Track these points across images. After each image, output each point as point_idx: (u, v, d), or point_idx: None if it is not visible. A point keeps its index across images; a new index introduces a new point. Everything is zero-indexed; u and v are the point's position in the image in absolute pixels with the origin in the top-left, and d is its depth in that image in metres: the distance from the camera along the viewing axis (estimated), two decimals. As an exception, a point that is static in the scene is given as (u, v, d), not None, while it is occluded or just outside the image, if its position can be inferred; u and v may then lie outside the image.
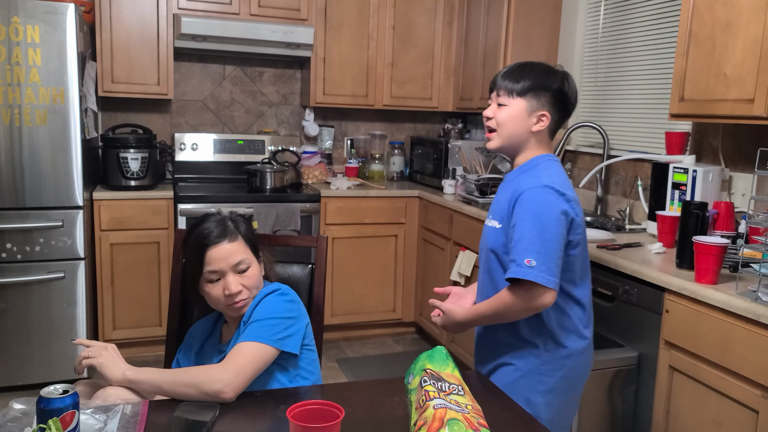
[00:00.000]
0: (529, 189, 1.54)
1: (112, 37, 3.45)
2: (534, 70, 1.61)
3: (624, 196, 3.06)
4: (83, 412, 1.19)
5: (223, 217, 1.55)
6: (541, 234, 1.49)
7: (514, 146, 1.65)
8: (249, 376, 1.36)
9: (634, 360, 2.15)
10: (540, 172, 1.58)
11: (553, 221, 1.51)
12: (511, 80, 1.60)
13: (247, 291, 1.50)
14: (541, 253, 1.48)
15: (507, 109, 1.61)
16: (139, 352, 3.52)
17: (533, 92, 1.59)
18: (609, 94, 3.24)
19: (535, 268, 1.46)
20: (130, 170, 3.40)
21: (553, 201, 1.53)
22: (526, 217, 1.52)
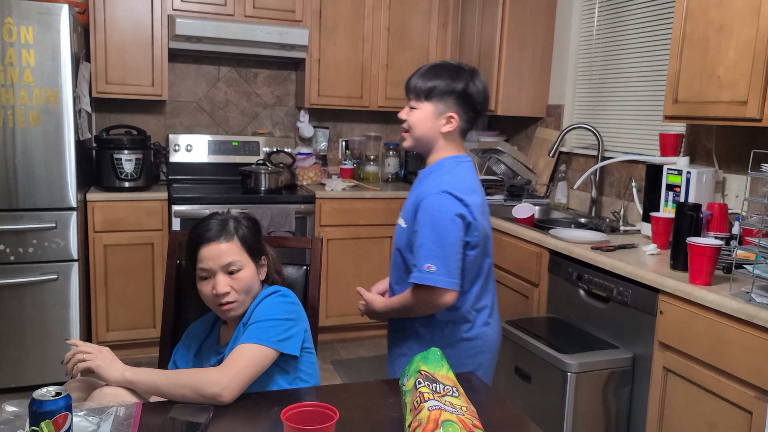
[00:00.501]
0: (429, 195, 1.61)
1: (106, 38, 3.44)
2: (441, 73, 1.66)
3: (618, 197, 3.07)
4: (76, 414, 1.19)
5: (226, 218, 1.55)
6: (439, 239, 1.58)
7: (426, 146, 1.72)
8: (247, 378, 1.35)
9: (629, 361, 2.15)
10: (443, 176, 1.64)
11: (450, 226, 1.59)
12: (419, 83, 1.66)
13: (235, 293, 1.49)
14: (440, 257, 1.57)
15: (417, 112, 1.68)
16: (132, 354, 3.51)
17: (439, 96, 1.65)
18: (603, 95, 3.25)
19: (435, 272, 1.57)
20: (124, 171, 3.39)
21: (449, 206, 1.60)
22: (426, 223, 1.60)
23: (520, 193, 3.45)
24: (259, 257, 1.57)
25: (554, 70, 3.60)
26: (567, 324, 2.45)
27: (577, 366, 2.09)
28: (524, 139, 3.88)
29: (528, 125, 3.84)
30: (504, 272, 2.90)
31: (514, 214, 2.96)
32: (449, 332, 1.71)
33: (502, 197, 3.40)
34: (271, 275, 1.62)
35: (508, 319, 2.50)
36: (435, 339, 1.69)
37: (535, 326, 2.43)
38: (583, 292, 2.39)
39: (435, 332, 1.70)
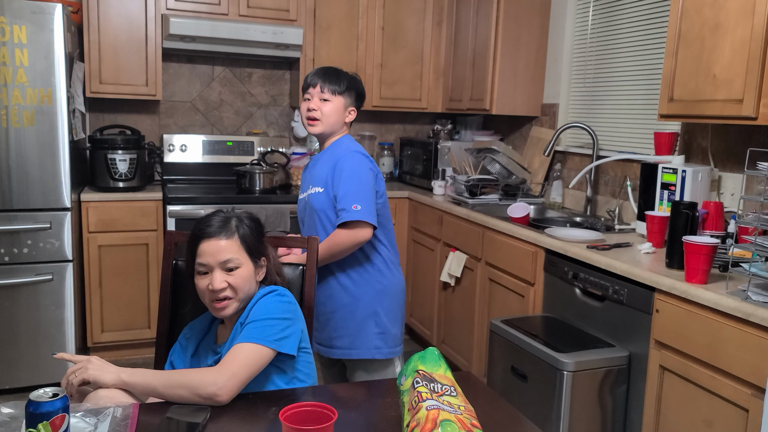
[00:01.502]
0: (344, 155, 2.04)
1: (100, 37, 3.42)
2: (346, 74, 2.12)
3: (613, 196, 3.08)
4: (73, 415, 1.18)
5: (229, 215, 1.55)
6: (360, 186, 1.99)
7: (331, 131, 2.13)
8: (244, 378, 1.35)
9: (625, 360, 2.16)
10: (349, 145, 2.09)
11: (367, 175, 2.03)
12: (332, 81, 2.08)
13: (231, 291, 1.49)
14: (363, 200, 1.97)
15: (330, 104, 2.08)
16: (127, 355, 3.50)
17: (348, 91, 2.11)
18: (598, 94, 3.26)
19: (361, 210, 1.95)
20: (119, 171, 3.37)
21: (364, 161, 2.05)
22: (348, 176, 2.00)
23: (515, 193, 3.45)
24: (258, 258, 1.57)
25: (549, 69, 3.60)
26: (563, 323, 2.45)
27: (573, 365, 2.09)
28: (519, 138, 3.89)
29: (523, 124, 3.85)
30: (499, 271, 2.90)
31: (510, 213, 2.97)
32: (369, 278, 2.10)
33: (497, 197, 3.41)
34: (272, 276, 1.62)
35: (503, 318, 2.50)
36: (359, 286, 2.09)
37: (531, 325, 2.43)
38: (579, 291, 2.40)
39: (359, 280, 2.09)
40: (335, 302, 2.10)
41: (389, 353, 2.11)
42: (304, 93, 2.12)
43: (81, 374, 1.35)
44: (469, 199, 3.36)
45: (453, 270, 3.26)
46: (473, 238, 3.12)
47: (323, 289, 2.10)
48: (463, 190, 3.46)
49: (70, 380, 1.35)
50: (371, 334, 2.08)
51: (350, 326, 2.08)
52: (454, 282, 3.31)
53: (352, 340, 2.08)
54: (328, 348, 2.13)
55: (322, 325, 2.13)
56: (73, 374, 1.35)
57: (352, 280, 2.08)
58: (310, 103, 2.09)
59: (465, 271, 3.21)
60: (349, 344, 2.08)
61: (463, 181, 3.46)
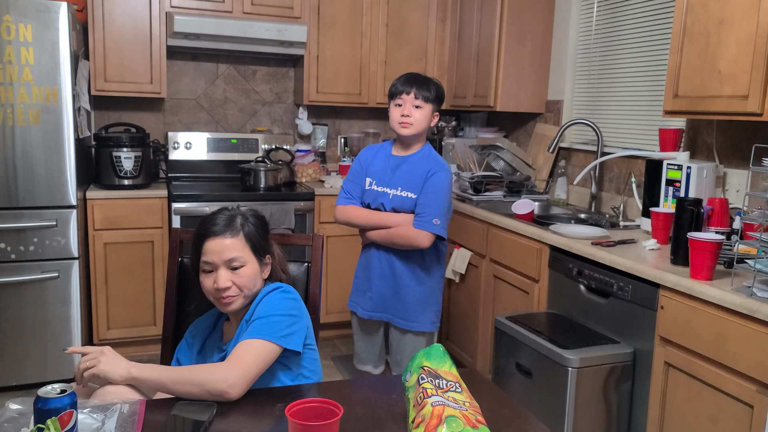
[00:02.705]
0: (439, 170, 2.30)
1: (105, 35, 3.43)
2: (434, 83, 2.33)
3: (618, 193, 3.07)
4: (81, 411, 1.19)
5: (234, 213, 1.55)
6: (444, 202, 2.29)
7: (420, 135, 2.35)
8: (254, 374, 1.35)
9: (630, 356, 2.16)
10: (438, 158, 2.35)
11: (449, 193, 2.34)
12: (425, 89, 2.28)
13: (236, 289, 1.49)
14: (442, 215, 2.28)
15: (421, 111, 2.29)
16: (133, 352, 3.51)
17: (434, 101, 2.32)
18: (602, 91, 3.25)
19: (438, 226, 2.26)
20: (124, 169, 3.38)
21: (451, 178, 2.34)
22: (438, 189, 2.28)
23: (519, 189, 3.45)
24: (263, 256, 1.57)
25: (553, 65, 3.59)
26: (567, 319, 2.45)
27: (578, 361, 2.09)
28: (523, 134, 3.88)
29: (527, 121, 3.84)
30: (504, 268, 2.90)
31: (514, 210, 2.96)
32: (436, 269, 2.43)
33: (502, 193, 3.40)
34: (277, 274, 1.62)
35: (508, 314, 2.50)
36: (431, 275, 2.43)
37: (536, 322, 2.44)
38: (584, 287, 2.40)
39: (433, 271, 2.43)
40: (410, 282, 2.39)
41: (438, 326, 2.51)
42: (395, 98, 2.31)
43: (93, 369, 1.34)
44: (474, 196, 3.36)
45: (457, 267, 3.26)
46: (478, 234, 3.12)
47: (403, 264, 2.37)
48: (467, 186, 3.46)
49: (80, 368, 1.35)
50: (431, 312, 2.43)
51: (419, 305, 2.39)
52: (458, 279, 3.31)
53: (417, 315, 2.40)
54: (400, 319, 2.42)
55: (388, 298, 2.41)
56: (85, 364, 1.35)
57: (425, 269, 2.39)
58: (403, 109, 2.29)
59: (469, 267, 3.21)
60: (414, 318, 2.40)
61: (468, 178, 3.45)
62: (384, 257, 2.40)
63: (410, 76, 2.32)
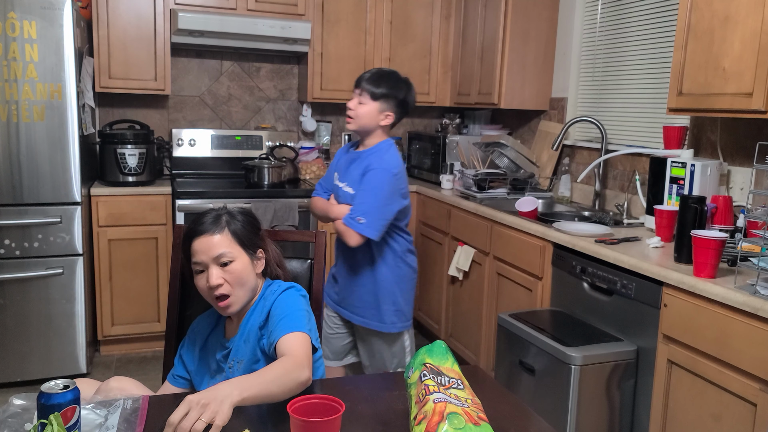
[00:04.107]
0: (374, 169, 2.20)
1: (109, 32, 3.44)
2: (389, 80, 2.24)
3: (622, 190, 3.07)
4: (84, 407, 1.19)
5: (220, 212, 1.55)
6: (374, 201, 2.18)
7: (365, 132, 2.30)
8: (310, 362, 1.34)
9: (633, 354, 2.15)
10: (383, 156, 2.24)
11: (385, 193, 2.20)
12: (372, 87, 2.22)
13: (228, 286, 1.48)
14: (369, 214, 2.18)
15: (365, 107, 2.24)
16: (137, 348, 3.53)
17: (384, 98, 2.24)
18: (607, 88, 3.24)
19: (362, 225, 2.17)
20: (128, 166, 3.39)
21: (388, 179, 2.20)
22: (369, 188, 2.19)
23: (523, 187, 3.44)
24: (254, 250, 1.56)
25: (557, 62, 3.59)
26: (571, 317, 2.45)
27: (581, 359, 2.09)
28: (527, 132, 3.88)
29: (531, 118, 3.83)
30: (507, 265, 2.90)
31: (518, 207, 2.96)
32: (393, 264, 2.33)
33: (506, 191, 3.40)
34: (272, 269, 1.62)
35: (511, 312, 2.50)
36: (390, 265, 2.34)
37: (539, 319, 2.44)
38: (587, 285, 2.40)
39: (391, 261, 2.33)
40: (360, 277, 2.33)
41: (402, 327, 2.37)
42: (353, 89, 2.31)
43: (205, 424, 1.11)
44: (478, 194, 3.35)
45: (461, 264, 3.26)
46: (481, 232, 3.11)
47: (352, 258, 2.33)
48: (471, 184, 3.45)
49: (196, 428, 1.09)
50: (389, 312, 2.32)
51: (371, 302, 2.32)
52: (462, 276, 3.31)
53: (372, 313, 2.32)
54: (350, 313, 2.38)
55: (345, 291, 2.38)
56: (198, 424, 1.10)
57: (380, 262, 2.30)
58: (350, 102, 2.28)
59: (473, 265, 3.21)
60: (370, 316, 2.33)
61: (472, 176, 3.45)
62: (340, 249, 2.38)
63: (372, 71, 2.28)
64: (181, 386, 1.61)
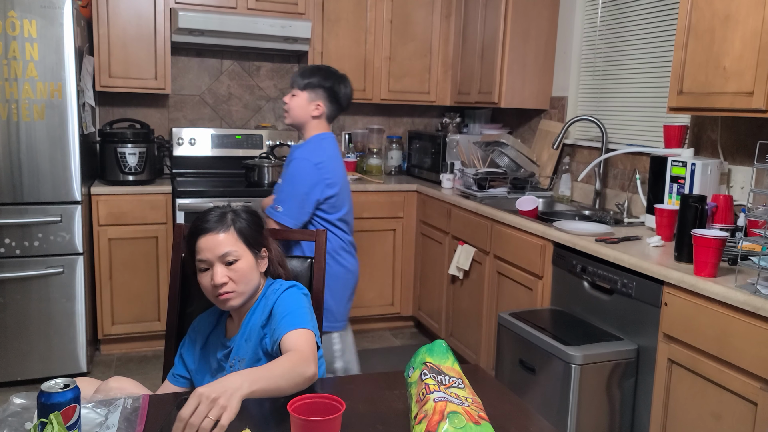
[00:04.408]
0: (295, 159, 2.24)
1: (110, 31, 3.44)
2: (319, 72, 2.29)
3: (622, 189, 3.07)
4: (84, 406, 1.19)
5: (225, 210, 1.55)
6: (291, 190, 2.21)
7: (300, 125, 2.33)
8: (315, 357, 1.34)
9: (633, 353, 2.15)
10: (309, 146, 2.27)
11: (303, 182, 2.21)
12: (299, 78, 2.28)
13: (233, 284, 1.48)
14: (287, 203, 2.20)
15: (295, 99, 2.29)
16: (137, 347, 3.53)
17: (311, 88, 2.28)
18: (607, 87, 3.24)
19: (279, 213, 2.19)
20: (128, 165, 3.39)
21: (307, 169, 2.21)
22: (287, 178, 2.23)
23: (523, 186, 3.44)
24: (258, 249, 1.56)
25: (558, 61, 3.58)
26: (571, 316, 2.45)
27: (581, 358, 2.09)
28: (528, 131, 3.88)
29: (531, 117, 3.83)
30: (508, 264, 2.90)
31: (518, 206, 2.96)
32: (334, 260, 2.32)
33: (506, 190, 3.40)
34: (274, 268, 1.62)
35: (512, 311, 2.50)
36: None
37: (540, 318, 2.43)
38: (587, 284, 2.40)
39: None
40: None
41: (328, 327, 2.29)
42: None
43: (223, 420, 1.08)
44: (478, 193, 3.35)
45: (461, 263, 3.26)
46: (482, 231, 3.11)
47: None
48: (471, 183, 3.45)
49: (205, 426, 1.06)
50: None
51: None
52: (462, 275, 3.31)
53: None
54: None
55: None
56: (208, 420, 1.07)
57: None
58: (286, 96, 2.34)
59: (473, 264, 3.21)
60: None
61: (472, 175, 3.45)
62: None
63: (308, 65, 2.36)
64: (182, 385, 1.61)
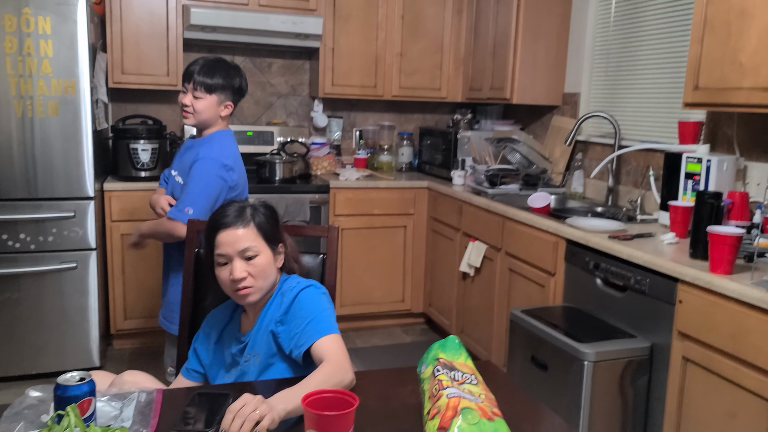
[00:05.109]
0: (201, 158, 2.13)
1: (122, 28, 3.45)
2: (222, 69, 2.18)
3: (635, 186, 3.04)
4: (99, 399, 1.20)
5: (244, 205, 1.55)
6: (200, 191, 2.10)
7: (205, 125, 2.23)
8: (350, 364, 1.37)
9: (647, 350, 2.14)
10: (214, 146, 2.18)
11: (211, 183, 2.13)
12: (207, 80, 2.14)
13: (252, 279, 1.49)
14: (197, 205, 2.08)
15: (203, 102, 2.17)
16: (149, 342, 3.54)
17: (221, 90, 2.18)
18: (621, 83, 3.21)
19: (192, 215, 2.03)
20: (140, 161, 3.41)
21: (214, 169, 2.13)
22: (194, 178, 2.11)
23: (535, 183, 3.42)
24: (276, 244, 1.57)
25: (570, 57, 3.56)
26: (584, 313, 2.44)
27: (594, 355, 2.08)
28: (540, 127, 3.86)
29: (543, 114, 3.81)
30: (519, 261, 2.89)
31: (530, 203, 2.95)
32: None
33: (518, 186, 3.38)
34: (289, 263, 1.62)
35: (524, 308, 2.49)
36: None
37: (552, 315, 2.42)
38: (600, 281, 2.38)
39: None
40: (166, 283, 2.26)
41: None
42: (183, 83, 2.21)
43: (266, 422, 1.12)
44: (489, 189, 3.34)
45: (472, 260, 3.25)
46: (493, 228, 3.10)
47: (163, 269, 2.27)
48: (483, 179, 3.44)
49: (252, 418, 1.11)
50: None
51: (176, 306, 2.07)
52: (473, 272, 3.30)
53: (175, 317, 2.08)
54: (164, 322, 2.29)
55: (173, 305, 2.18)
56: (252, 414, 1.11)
57: (177, 266, 2.14)
58: (185, 97, 2.18)
59: (484, 261, 3.20)
60: (173, 320, 2.17)
61: (483, 171, 3.44)
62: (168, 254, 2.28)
63: (200, 61, 2.17)
64: (195, 380, 1.62)
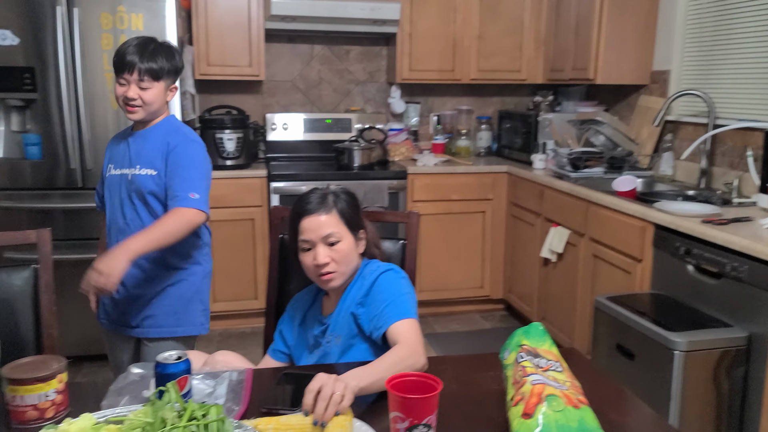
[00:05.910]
0: (181, 143, 1.98)
1: (207, 21, 3.58)
2: (161, 51, 1.97)
3: (731, 167, 2.87)
4: (194, 377, 1.27)
5: (326, 192, 1.59)
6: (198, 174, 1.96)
7: (155, 114, 2.02)
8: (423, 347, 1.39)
9: (744, 341, 2.03)
10: (180, 129, 2.05)
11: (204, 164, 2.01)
12: (152, 66, 1.93)
13: (335, 264, 1.52)
14: (200, 189, 1.93)
15: (151, 91, 1.95)
16: (236, 324, 3.69)
17: (167, 75, 1.98)
18: (715, 58, 3.03)
19: (198, 200, 1.91)
20: (226, 150, 3.53)
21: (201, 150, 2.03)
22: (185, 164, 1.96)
23: (621, 165, 3.30)
24: (357, 230, 1.60)
25: (660, 32, 3.38)
26: (674, 300, 2.34)
27: (686, 344, 1.99)
28: (625, 108, 3.70)
29: (629, 93, 3.65)
30: (604, 247, 2.80)
31: (615, 187, 2.84)
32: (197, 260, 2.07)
33: (602, 170, 3.27)
34: (370, 249, 1.65)
35: (609, 295, 2.42)
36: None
37: (639, 303, 2.34)
38: (692, 267, 2.27)
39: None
40: (162, 283, 2.03)
41: (207, 328, 2.14)
42: (118, 75, 1.93)
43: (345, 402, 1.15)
44: (572, 173, 3.25)
45: (554, 246, 3.18)
46: (576, 212, 3.02)
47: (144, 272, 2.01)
48: (565, 163, 3.35)
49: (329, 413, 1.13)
50: (197, 312, 2.08)
51: (177, 306, 2.04)
52: (555, 258, 3.23)
53: (179, 318, 2.05)
54: (146, 329, 2.04)
55: (139, 308, 2.03)
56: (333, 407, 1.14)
57: (182, 262, 2.04)
58: (127, 90, 1.92)
59: (567, 246, 3.12)
60: (175, 322, 2.04)
61: (566, 154, 3.34)
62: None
63: (133, 48, 1.91)
64: (282, 360, 1.67)
